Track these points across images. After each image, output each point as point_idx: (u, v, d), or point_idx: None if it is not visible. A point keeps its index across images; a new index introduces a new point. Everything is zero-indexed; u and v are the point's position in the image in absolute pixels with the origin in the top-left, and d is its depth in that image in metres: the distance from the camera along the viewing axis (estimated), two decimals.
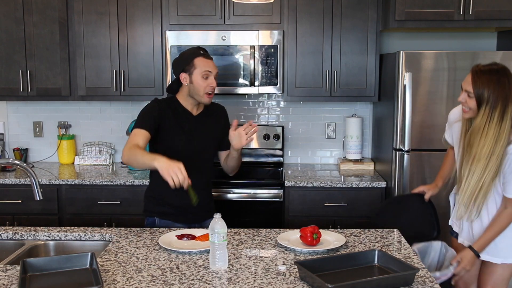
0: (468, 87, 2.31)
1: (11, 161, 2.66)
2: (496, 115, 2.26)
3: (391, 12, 3.37)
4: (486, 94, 2.26)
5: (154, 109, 2.53)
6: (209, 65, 2.54)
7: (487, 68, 2.31)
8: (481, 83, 2.27)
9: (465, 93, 2.33)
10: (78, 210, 3.50)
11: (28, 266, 1.88)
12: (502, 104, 2.25)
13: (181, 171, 2.16)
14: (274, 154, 3.97)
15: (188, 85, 2.54)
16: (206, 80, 2.53)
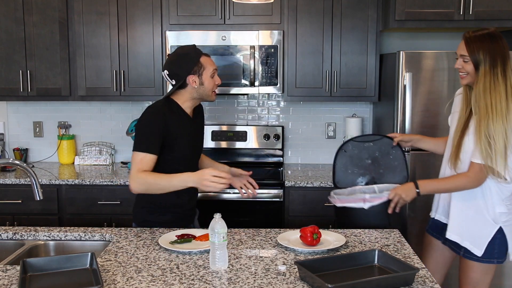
0: (462, 51, 2.30)
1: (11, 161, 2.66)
2: (499, 72, 2.23)
3: (391, 12, 3.37)
4: (482, 55, 2.24)
5: (159, 126, 2.37)
6: (213, 62, 2.49)
7: (479, 31, 2.30)
8: (475, 45, 2.26)
9: (461, 58, 2.32)
10: (78, 210, 3.50)
11: (28, 266, 1.88)
12: (501, 62, 2.23)
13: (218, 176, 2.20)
14: (274, 154, 3.97)
15: (197, 87, 2.43)
16: (213, 78, 2.47)
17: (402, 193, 2.38)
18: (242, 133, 3.94)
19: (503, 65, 2.23)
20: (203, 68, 2.42)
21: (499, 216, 2.34)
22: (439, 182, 2.43)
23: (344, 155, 2.69)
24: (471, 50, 2.27)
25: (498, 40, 2.26)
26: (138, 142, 2.37)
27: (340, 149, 2.70)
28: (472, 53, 2.26)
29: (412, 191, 2.38)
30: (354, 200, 2.47)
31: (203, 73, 2.42)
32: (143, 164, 2.33)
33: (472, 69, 2.28)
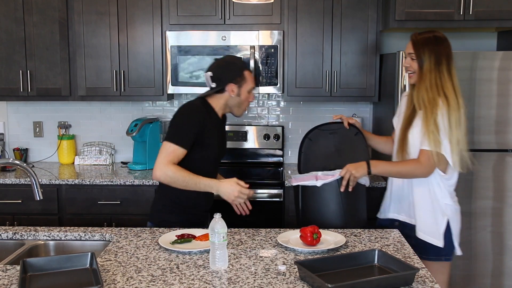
0: (409, 50, 2.46)
1: (11, 161, 2.66)
2: (444, 70, 2.39)
3: (391, 12, 3.37)
4: (427, 54, 2.40)
5: (197, 124, 2.44)
6: (254, 80, 2.59)
7: (425, 33, 2.47)
8: (420, 46, 2.41)
9: (408, 57, 2.46)
10: (78, 210, 3.50)
11: (28, 266, 1.88)
12: (445, 61, 2.40)
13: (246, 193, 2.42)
14: (274, 154, 3.97)
15: (233, 97, 2.53)
16: (250, 93, 2.57)
17: (353, 169, 2.44)
18: (242, 133, 3.94)
19: (447, 64, 2.40)
20: (244, 81, 2.52)
21: (445, 208, 2.46)
22: (390, 164, 2.51)
23: (309, 143, 2.74)
24: (417, 49, 2.43)
25: (443, 42, 2.44)
26: (173, 134, 2.42)
27: (306, 137, 2.75)
28: (418, 52, 2.42)
29: (363, 168, 2.45)
30: (307, 178, 2.52)
31: (243, 85, 2.52)
32: (173, 156, 2.39)
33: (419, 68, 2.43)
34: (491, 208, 3.34)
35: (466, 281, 3.40)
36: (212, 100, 2.55)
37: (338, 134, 2.69)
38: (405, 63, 2.50)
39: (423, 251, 2.43)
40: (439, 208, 2.46)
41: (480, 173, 3.31)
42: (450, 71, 2.41)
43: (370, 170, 2.44)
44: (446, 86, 2.38)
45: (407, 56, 2.48)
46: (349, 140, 2.66)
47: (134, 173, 3.70)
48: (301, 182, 2.54)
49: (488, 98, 3.26)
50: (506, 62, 3.23)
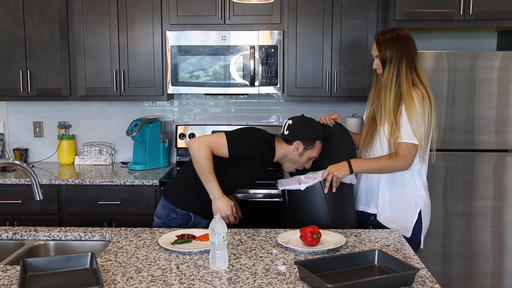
0: (375, 52, 2.52)
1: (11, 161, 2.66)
2: (403, 69, 2.44)
3: (391, 12, 3.37)
4: (389, 53, 2.46)
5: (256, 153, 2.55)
6: (319, 152, 2.61)
7: (388, 33, 2.53)
8: (383, 44, 2.48)
9: (376, 59, 2.53)
10: (78, 210, 3.50)
11: (28, 266, 1.88)
12: (406, 59, 2.45)
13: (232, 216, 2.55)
14: None
15: (294, 154, 2.58)
16: (308, 161, 2.62)
17: (335, 170, 2.48)
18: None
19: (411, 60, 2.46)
20: (312, 148, 2.58)
21: (418, 199, 2.53)
22: (371, 161, 2.55)
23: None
24: (380, 50, 2.49)
25: (405, 39, 2.48)
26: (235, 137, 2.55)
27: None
28: (380, 52, 2.49)
29: (345, 167, 2.48)
30: (291, 182, 2.56)
31: (308, 150, 2.58)
32: (216, 147, 2.50)
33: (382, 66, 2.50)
34: (491, 208, 3.34)
35: (466, 281, 3.40)
36: (277, 143, 2.63)
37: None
38: (374, 65, 2.55)
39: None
40: (412, 199, 2.53)
41: (480, 173, 3.31)
42: (415, 67, 2.48)
43: (351, 169, 2.48)
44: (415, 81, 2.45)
45: (374, 57, 2.55)
46: (335, 138, 2.67)
47: (134, 173, 3.70)
48: (286, 187, 2.58)
49: (488, 98, 3.26)
50: (506, 62, 3.23)
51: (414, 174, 2.53)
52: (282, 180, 2.64)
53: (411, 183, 2.54)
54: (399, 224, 2.54)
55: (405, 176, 2.53)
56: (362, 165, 2.53)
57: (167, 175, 3.60)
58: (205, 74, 3.58)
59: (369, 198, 2.64)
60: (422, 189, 2.55)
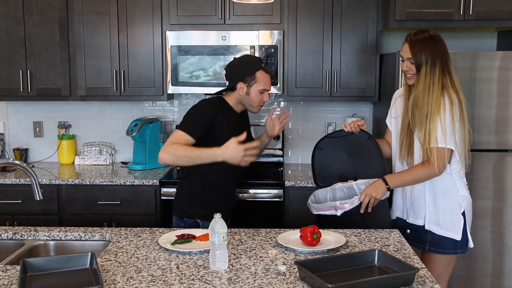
0: (407, 54, 2.47)
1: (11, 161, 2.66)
2: (437, 72, 2.41)
3: (391, 12, 3.37)
4: (424, 57, 2.42)
5: (208, 116, 2.56)
6: (267, 81, 2.62)
7: (420, 34, 2.48)
8: (418, 48, 2.43)
9: (407, 61, 2.47)
10: (78, 210, 3.50)
11: (28, 266, 1.88)
12: (440, 62, 2.41)
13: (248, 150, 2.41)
14: (274, 154, 3.97)
15: (243, 95, 2.62)
16: (262, 94, 2.62)
17: (372, 192, 2.45)
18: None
19: (445, 62, 2.43)
20: (255, 81, 2.59)
21: (461, 200, 2.50)
22: (405, 174, 2.51)
23: (321, 152, 2.73)
24: (414, 52, 2.44)
25: (438, 41, 2.45)
26: (183, 123, 2.55)
27: (316, 147, 2.74)
28: (415, 55, 2.44)
29: (382, 187, 2.46)
30: (326, 209, 2.51)
31: (252, 85, 2.59)
32: (178, 140, 2.47)
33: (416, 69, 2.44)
34: (491, 208, 3.34)
35: (466, 281, 3.40)
36: (227, 97, 2.67)
37: (348, 141, 2.68)
38: (404, 67, 2.49)
39: (441, 246, 2.50)
40: (456, 201, 2.49)
41: (480, 173, 3.31)
42: (449, 70, 2.44)
43: (389, 186, 2.46)
44: (446, 84, 2.41)
45: (405, 59, 2.49)
46: (362, 145, 2.64)
47: (134, 173, 3.70)
48: (321, 212, 2.53)
49: (488, 98, 3.26)
50: (506, 62, 3.23)
51: (453, 176, 2.50)
52: (316, 205, 2.57)
53: (453, 186, 2.50)
54: (448, 229, 2.50)
55: (446, 181, 2.49)
56: (397, 180, 2.49)
57: (167, 175, 3.60)
58: (205, 74, 3.58)
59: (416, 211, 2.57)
60: (464, 189, 2.52)
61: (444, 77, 2.42)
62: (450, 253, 2.52)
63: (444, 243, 2.51)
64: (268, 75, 2.64)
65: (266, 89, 2.63)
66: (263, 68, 2.62)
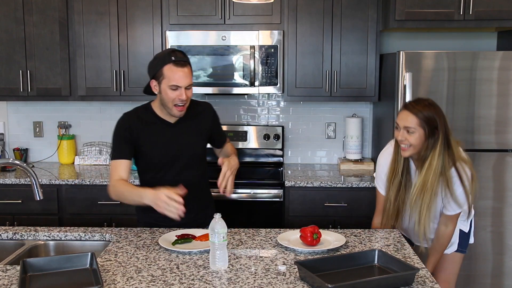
0: (406, 123, 2.30)
1: (11, 161, 2.67)
2: (439, 144, 2.29)
3: (391, 12, 3.37)
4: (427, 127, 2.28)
5: (123, 133, 2.42)
6: (178, 76, 2.28)
7: (420, 103, 2.32)
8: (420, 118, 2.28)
9: (404, 130, 2.31)
10: (78, 210, 3.50)
11: (28, 266, 1.88)
12: (442, 133, 2.30)
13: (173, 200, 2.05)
14: (274, 154, 3.97)
15: (160, 95, 2.37)
16: (175, 91, 2.31)
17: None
18: (242, 133, 3.94)
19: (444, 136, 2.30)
20: (163, 77, 2.31)
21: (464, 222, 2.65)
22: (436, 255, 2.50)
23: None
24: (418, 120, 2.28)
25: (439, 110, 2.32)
26: (111, 151, 2.49)
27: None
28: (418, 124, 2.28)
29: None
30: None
31: (162, 82, 2.32)
32: (117, 171, 2.41)
33: (416, 141, 2.30)
34: (491, 208, 3.34)
35: (466, 281, 3.40)
36: (154, 103, 2.46)
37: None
38: (400, 136, 2.33)
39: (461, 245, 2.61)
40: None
41: (480, 173, 3.30)
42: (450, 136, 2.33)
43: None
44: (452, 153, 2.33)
45: (401, 128, 2.32)
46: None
47: (134, 173, 3.68)
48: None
49: (488, 98, 3.26)
50: (506, 62, 3.23)
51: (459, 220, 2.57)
52: None
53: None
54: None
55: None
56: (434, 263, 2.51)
57: None
58: (205, 74, 3.58)
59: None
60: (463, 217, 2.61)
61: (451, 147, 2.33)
62: (462, 251, 2.63)
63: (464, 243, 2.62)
64: (180, 69, 2.28)
65: (176, 84, 2.28)
66: (173, 62, 2.28)
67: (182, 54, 2.35)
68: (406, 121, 2.30)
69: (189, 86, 2.34)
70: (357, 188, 3.41)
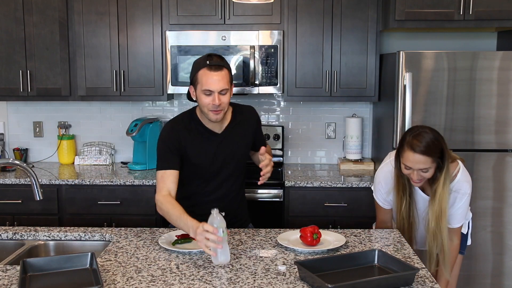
0: (420, 165, 2.25)
1: (11, 161, 2.67)
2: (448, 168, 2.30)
3: (391, 12, 3.37)
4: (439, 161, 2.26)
5: (172, 143, 2.34)
6: (211, 81, 2.24)
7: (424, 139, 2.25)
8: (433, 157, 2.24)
9: (418, 171, 2.27)
10: (78, 210, 3.50)
11: (28, 266, 1.88)
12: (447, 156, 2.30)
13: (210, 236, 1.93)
14: (274, 154, 3.97)
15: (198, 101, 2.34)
16: (209, 96, 2.26)
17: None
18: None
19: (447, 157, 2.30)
20: (198, 81, 2.28)
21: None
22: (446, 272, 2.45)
23: None
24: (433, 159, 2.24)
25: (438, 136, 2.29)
26: (157, 161, 2.37)
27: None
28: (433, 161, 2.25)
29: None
30: None
31: (197, 87, 2.30)
32: (165, 182, 2.30)
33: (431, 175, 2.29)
34: (491, 208, 3.34)
35: (466, 281, 3.40)
36: (198, 109, 2.42)
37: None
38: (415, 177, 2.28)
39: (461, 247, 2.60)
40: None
41: (480, 173, 3.31)
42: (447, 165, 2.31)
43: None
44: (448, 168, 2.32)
45: (415, 170, 2.26)
46: None
47: (134, 173, 3.70)
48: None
49: (488, 98, 3.26)
50: (506, 62, 3.23)
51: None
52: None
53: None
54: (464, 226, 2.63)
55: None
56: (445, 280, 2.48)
57: None
58: None
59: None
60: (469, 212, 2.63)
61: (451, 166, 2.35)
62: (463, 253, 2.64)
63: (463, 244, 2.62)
64: (212, 73, 2.23)
65: (208, 89, 2.24)
66: (207, 66, 2.25)
67: (218, 58, 2.31)
68: (420, 163, 2.24)
69: (223, 91, 2.27)
70: (357, 188, 3.41)
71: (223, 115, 2.34)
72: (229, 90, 2.31)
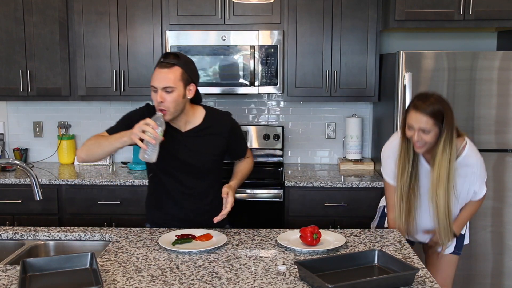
0: (421, 124, 2.28)
1: (11, 161, 2.66)
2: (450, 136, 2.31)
3: (391, 12, 3.37)
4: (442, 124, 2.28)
5: (131, 122, 2.25)
6: (156, 77, 2.23)
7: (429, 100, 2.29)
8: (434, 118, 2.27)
9: (419, 131, 2.29)
10: (78, 210, 3.50)
11: (28, 266, 1.88)
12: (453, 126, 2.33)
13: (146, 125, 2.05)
14: (274, 154, 3.97)
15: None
16: (154, 93, 2.25)
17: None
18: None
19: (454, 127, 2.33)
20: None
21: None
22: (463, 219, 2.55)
23: None
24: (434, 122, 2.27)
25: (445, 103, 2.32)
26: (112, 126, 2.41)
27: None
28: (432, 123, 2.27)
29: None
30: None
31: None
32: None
33: (432, 138, 2.31)
34: (491, 208, 3.34)
35: (466, 281, 3.40)
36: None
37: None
38: (415, 136, 2.30)
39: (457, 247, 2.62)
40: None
41: None
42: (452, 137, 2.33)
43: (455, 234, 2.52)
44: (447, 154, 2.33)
45: (415, 129, 2.29)
46: None
47: (134, 173, 3.70)
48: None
49: (488, 98, 3.26)
50: (506, 62, 3.23)
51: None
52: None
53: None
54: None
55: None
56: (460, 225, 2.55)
57: None
58: (205, 74, 3.58)
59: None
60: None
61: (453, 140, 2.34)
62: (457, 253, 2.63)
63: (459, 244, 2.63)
64: (159, 70, 2.23)
65: (152, 85, 2.23)
66: (159, 63, 2.26)
67: (173, 56, 2.27)
68: (421, 122, 2.27)
69: (168, 88, 2.22)
70: (357, 188, 3.41)
71: (170, 116, 2.27)
72: (176, 89, 2.23)
